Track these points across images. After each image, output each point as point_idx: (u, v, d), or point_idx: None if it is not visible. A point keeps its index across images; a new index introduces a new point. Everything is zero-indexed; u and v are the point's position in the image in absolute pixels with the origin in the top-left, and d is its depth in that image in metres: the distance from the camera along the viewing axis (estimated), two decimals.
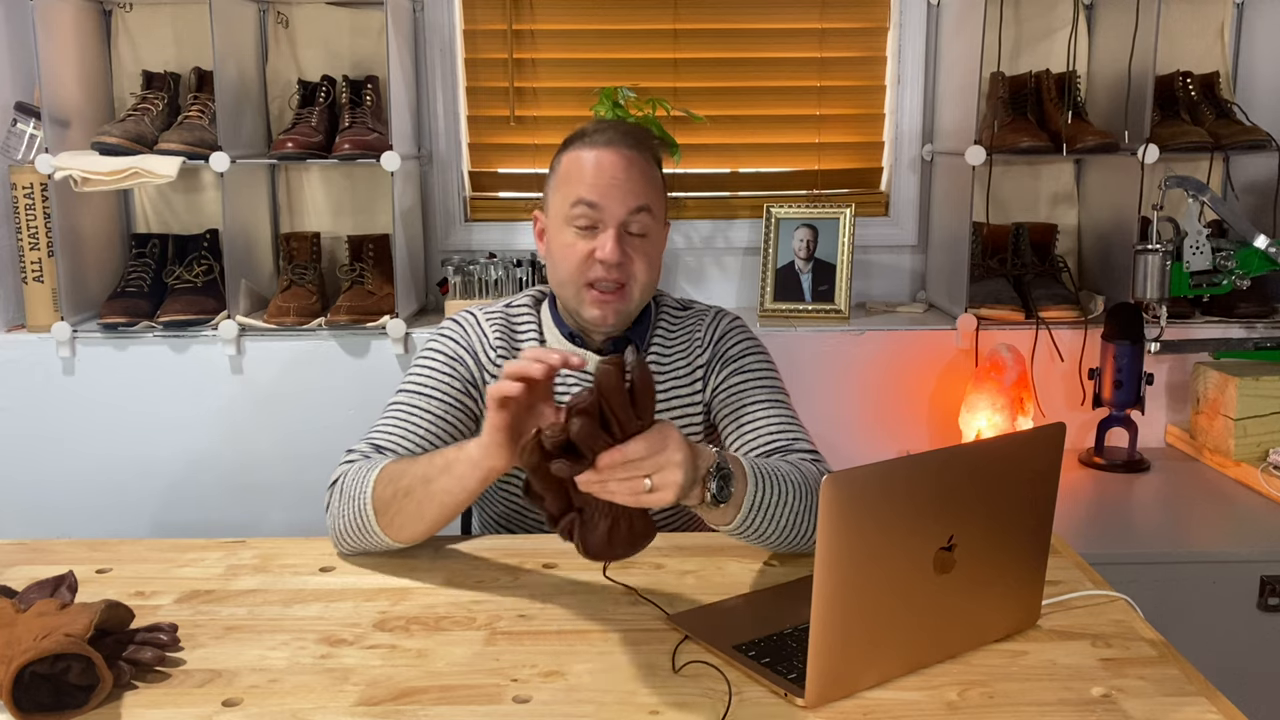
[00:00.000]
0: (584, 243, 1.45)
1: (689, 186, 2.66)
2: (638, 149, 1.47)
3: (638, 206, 1.44)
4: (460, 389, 1.50)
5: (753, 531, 1.28)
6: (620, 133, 1.48)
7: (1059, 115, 2.40)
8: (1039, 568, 1.18)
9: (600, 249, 1.43)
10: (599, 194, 1.43)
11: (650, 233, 1.47)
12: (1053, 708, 1.03)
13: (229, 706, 1.03)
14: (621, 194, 1.43)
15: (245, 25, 2.46)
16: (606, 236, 1.43)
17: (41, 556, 1.39)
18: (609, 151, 1.45)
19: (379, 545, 1.36)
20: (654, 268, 1.49)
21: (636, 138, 1.48)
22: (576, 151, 1.47)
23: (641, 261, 1.46)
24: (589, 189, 1.44)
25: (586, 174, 1.44)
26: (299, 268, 2.45)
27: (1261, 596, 1.87)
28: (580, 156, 1.46)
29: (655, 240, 1.49)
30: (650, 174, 1.48)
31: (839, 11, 2.60)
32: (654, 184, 1.48)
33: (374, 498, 1.32)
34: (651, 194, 1.47)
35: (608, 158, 1.44)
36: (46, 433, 2.37)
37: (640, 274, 1.47)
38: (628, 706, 1.03)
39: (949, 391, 2.41)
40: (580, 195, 1.44)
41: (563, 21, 2.60)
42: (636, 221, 1.45)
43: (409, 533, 1.33)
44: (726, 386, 1.53)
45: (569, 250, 1.46)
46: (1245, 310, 2.42)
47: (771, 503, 1.27)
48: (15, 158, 2.40)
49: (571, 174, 1.46)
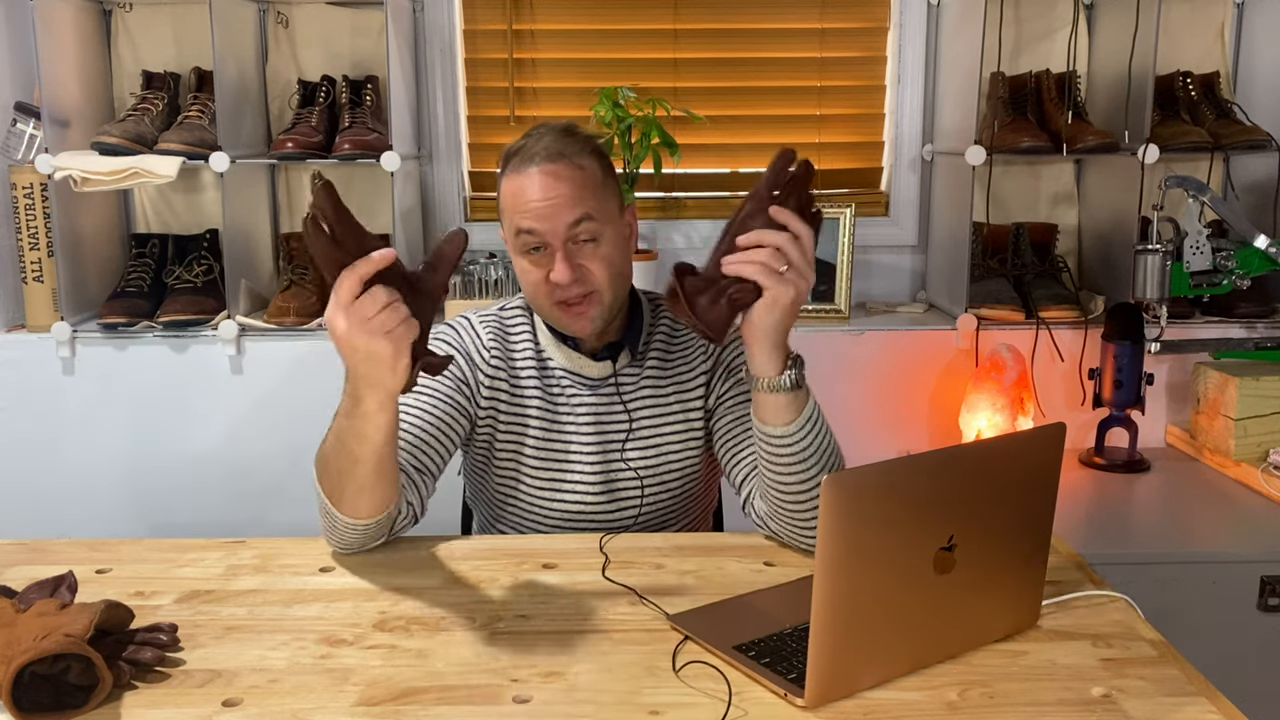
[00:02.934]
0: (537, 268, 1.44)
1: (689, 186, 2.66)
2: (560, 160, 1.42)
3: (576, 219, 1.42)
4: (453, 388, 1.50)
5: (801, 447, 1.31)
6: (542, 148, 1.43)
7: (1059, 115, 2.40)
8: (1039, 568, 1.18)
9: (554, 273, 1.42)
10: (534, 220, 1.42)
11: (600, 235, 1.44)
12: (1053, 708, 1.03)
13: (229, 706, 1.03)
14: (555, 212, 1.41)
15: (245, 25, 2.46)
16: (556, 260, 1.42)
17: (41, 556, 1.39)
18: (534, 174, 1.42)
19: (353, 530, 1.34)
20: (616, 264, 1.46)
21: (558, 149, 1.43)
22: (508, 181, 1.45)
23: (599, 265, 1.44)
24: (524, 216, 1.42)
25: (521, 201, 1.43)
26: (299, 268, 2.45)
27: (1261, 596, 1.87)
28: (512, 183, 1.44)
29: (610, 238, 1.45)
30: (583, 178, 1.43)
31: (839, 11, 2.60)
32: (590, 187, 1.44)
33: (323, 489, 1.33)
34: (589, 199, 1.43)
35: (534, 180, 1.42)
36: (46, 433, 2.37)
37: (601, 277, 1.44)
38: (628, 706, 1.03)
39: (949, 391, 2.41)
40: (519, 225, 1.43)
41: (563, 21, 2.60)
42: (581, 231, 1.43)
43: (364, 505, 1.31)
44: (730, 395, 1.53)
45: (528, 276, 1.46)
46: (1245, 310, 2.42)
47: (823, 430, 1.34)
48: (15, 158, 2.41)
49: (508, 203, 1.45)
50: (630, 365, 1.55)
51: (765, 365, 1.28)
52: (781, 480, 1.33)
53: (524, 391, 1.53)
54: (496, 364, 1.53)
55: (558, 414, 1.53)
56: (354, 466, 1.28)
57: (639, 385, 1.54)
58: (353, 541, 1.38)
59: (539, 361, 1.54)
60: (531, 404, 1.53)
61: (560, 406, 1.53)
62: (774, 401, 1.29)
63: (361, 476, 1.29)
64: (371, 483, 1.30)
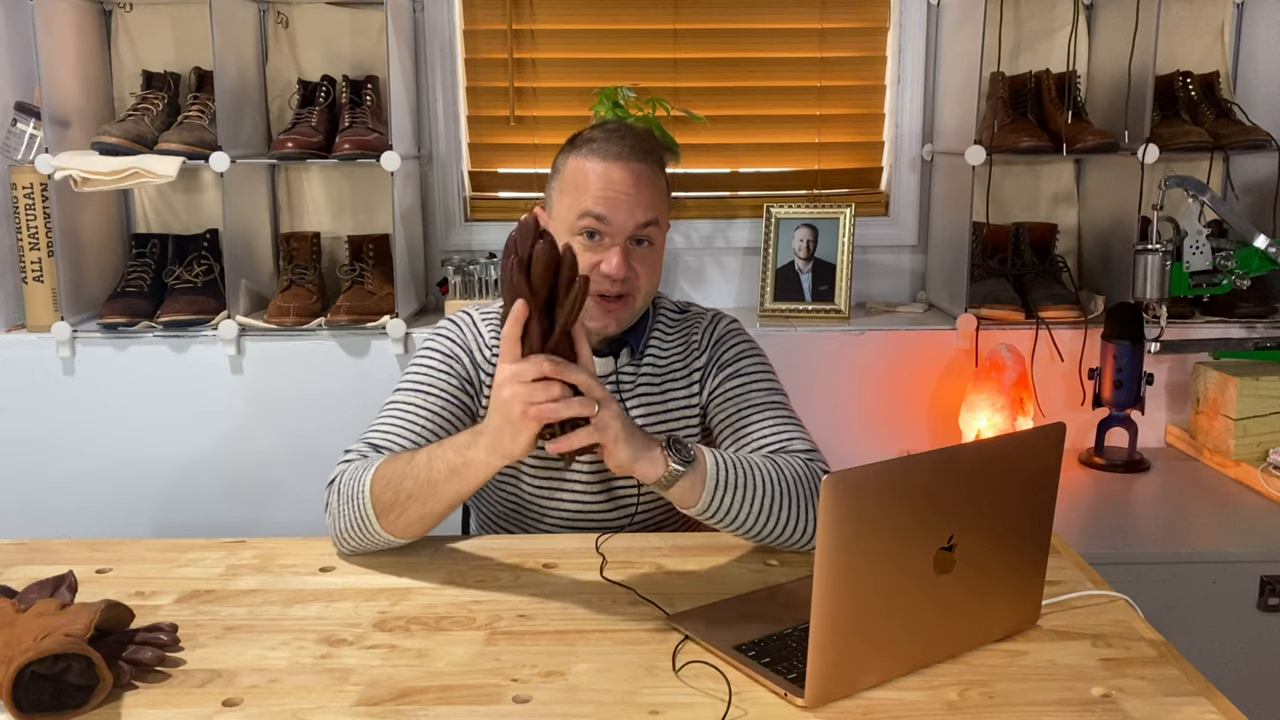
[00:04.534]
0: (589, 254, 1.44)
1: (689, 186, 2.66)
2: (645, 160, 1.46)
3: (644, 222, 1.44)
4: (457, 386, 1.50)
5: (727, 515, 1.30)
6: (629, 145, 1.45)
7: (1059, 115, 2.40)
8: (1039, 568, 1.18)
9: (606, 263, 1.43)
10: (606, 208, 1.42)
11: (655, 241, 1.48)
12: (1053, 708, 1.03)
13: (229, 706, 1.03)
14: (630, 208, 1.43)
15: (245, 25, 2.46)
16: (613, 252, 1.43)
17: (41, 556, 1.39)
18: (618, 166, 1.43)
19: (381, 544, 1.37)
20: (656, 274, 1.50)
21: (645, 148, 1.47)
22: (584, 161, 1.45)
23: (645, 271, 1.47)
24: (596, 202, 1.43)
25: (593, 186, 1.43)
26: (299, 268, 2.45)
27: (1261, 596, 1.87)
28: (588, 167, 1.44)
29: (659, 248, 1.49)
30: (657, 184, 1.47)
31: (839, 11, 2.60)
32: (661, 194, 1.48)
33: (373, 499, 1.33)
34: (659, 205, 1.47)
35: (617, 172, 1.43)
36: (46, 433, 2.37)
37: (644, 283, 1.47)
38: (628, 706, 1.03)
39: (949, 391, 2.41)
40: (587, 208, 1.43)
41: (563, 21, 2.60)
42: (644, 234, 1.45)
43: (414, 530, 1.36)
44: (723, 391, 1.53)
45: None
46: (1245, 310, 2.42)
47: (741, 484, 1.30)
48: (15, 158, 2.41)
49: (578, 183, 1.45)
50: (629, 363, 1.55)
51: (649, 472, 1.25)
52: (735, 531, 1.35)
53: None
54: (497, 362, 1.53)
55: None
56: (432, 499, 1.30)
57: (637, 383, 1.54)
58: (366, 550, 1.39)
59: None
60: None
61: None
62: (679, 490, 1.28)
63: (431, 509, 1.32)
64: (433, 519, 1.34)
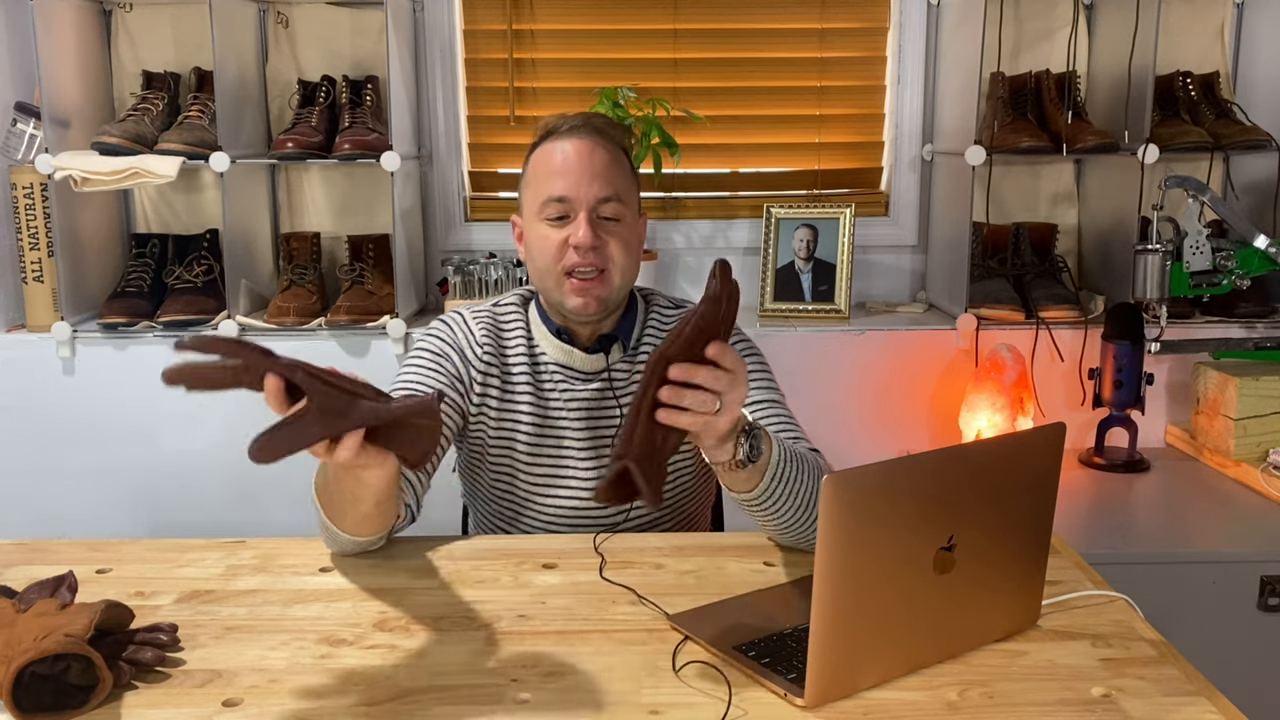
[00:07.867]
0: (557, 233, 1.45)
1: (689, 186, 2.66)
2: (599, 136, 1.47)
3: (605, 196, 1.45)
4: (447, 384, 1.50)
5: (771, 504, 1.29)
6: (582, 121, 1.48)
7: (1059, 115, 2.40)
8: (1039, 568, 1.18)
9: (573, 235, 1.44)
10: (566, 184, 1.44)
11: (623, 219, 1.47)
12: (1053, 708, 1.03)
13: (229, 706, 1.03)
14: (588, 180, 1.44)
15: (245, 25, 2.46)
16: (579, 222, 1.44)
17: (41, 556, 1.39)
18: (571, 140, 1.46)
19: (353, 545, 1.36)
20: (631, 253, 1.49)
21: (597, 127, 1.49)
22: (542, 148, 1.48)
23: (617, 245, 1.46)
24: (556, 181, 1.45)
25: (553, 166, 1.45)
26: (299, 268, 2.45)
27: (1261, 596, 1.87)
28: (545, 150, 1.47)
29: (630, 227, 1.49)
30: (616, 161, 1.48)
31: (839, 11, 2.60)
32: (621, 172, 1.48)
33: (322, 504, 1.33)
34: (619, 182, 1.47)
35: (571, 146, 1.45)
36: (46, 433, 2.37)
37: (617, 257, 1.46)
38: (628, 706, 1.03)
39: (949, 391, 2.41)
40: (549, 189, 1.45)
41: (563, 21, 2.60)
42: (607, 208, 1.46)
43: (371, 527, 1.34)
44: None
45: (544, 242, 1.46)
46: (1245, 310, 2.42)
47: (791, 476, 1.29)
48: (15, 158, 2.41)
49: (539, 170, 1.47)
50: (623, 360, 1.54)
51: (717, 454, 1.23)
52: (769, 524, 1.35)
53: (516, 386, 1.53)
54: (489, 359, 1.53)
55: (549, 408, 1.53)
56: (355, 505, 1.29)
57: (630, 380, 1.54)
58: (351, 550, 1.39)
59: (531, 356, 1.54)
60: (523, 399, 1.53)
61: (552, 401, 1.53)
62: (734, 477, 1.27)
63: (363, 510, 1.30)
64: (373, 513, 1.31)
